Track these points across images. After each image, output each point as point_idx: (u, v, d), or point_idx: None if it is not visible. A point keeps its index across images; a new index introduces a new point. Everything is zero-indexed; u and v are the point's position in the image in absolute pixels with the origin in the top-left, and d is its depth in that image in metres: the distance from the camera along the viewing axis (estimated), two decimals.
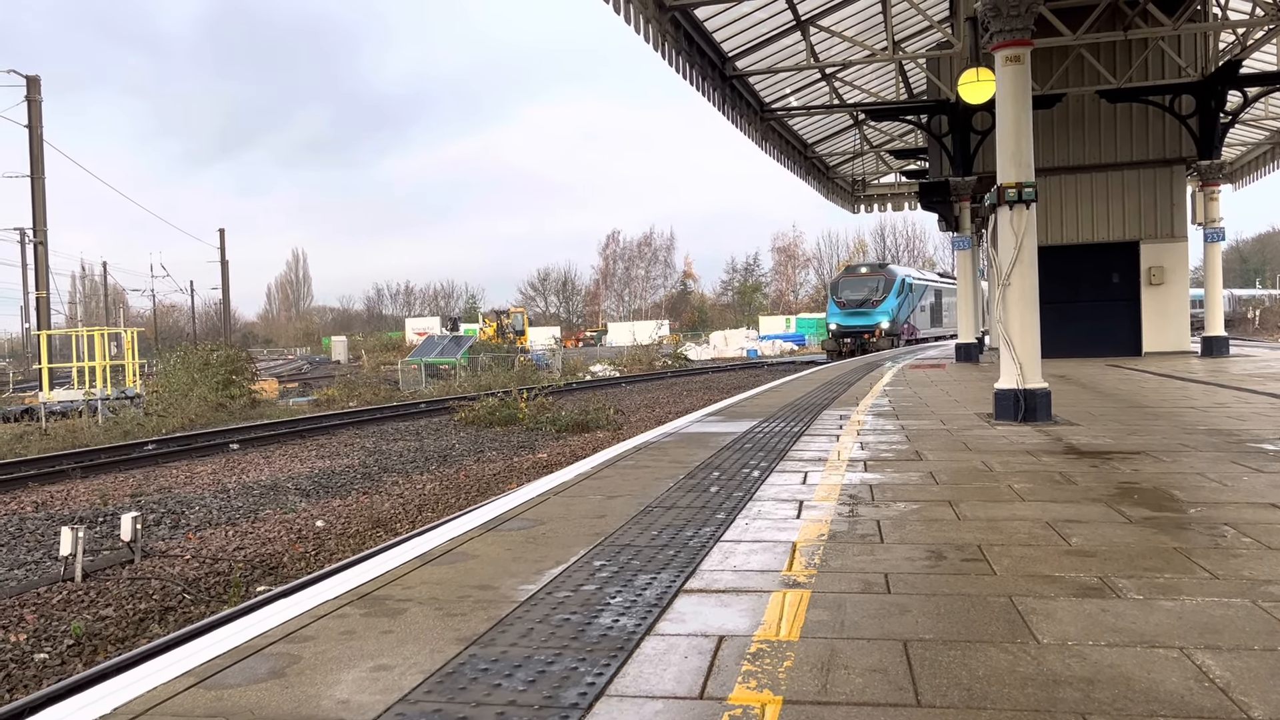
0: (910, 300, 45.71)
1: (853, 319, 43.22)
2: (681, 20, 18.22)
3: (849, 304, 43.89)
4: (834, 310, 45.15)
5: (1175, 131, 21.43)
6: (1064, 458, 7.08)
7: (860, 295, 43.93)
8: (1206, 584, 3.71)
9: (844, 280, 46.49)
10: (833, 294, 46.36)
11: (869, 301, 43.46)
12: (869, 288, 44.12)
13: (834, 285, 47.44)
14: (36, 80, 33.40)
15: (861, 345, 41.28)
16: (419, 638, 3.31)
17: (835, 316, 44.61)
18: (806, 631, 3.28)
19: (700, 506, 5.50)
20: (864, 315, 43.09)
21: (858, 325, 42.74)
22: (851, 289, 44.73)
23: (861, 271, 46.56)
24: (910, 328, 45.47)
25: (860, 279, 45.36)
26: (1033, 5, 9.60)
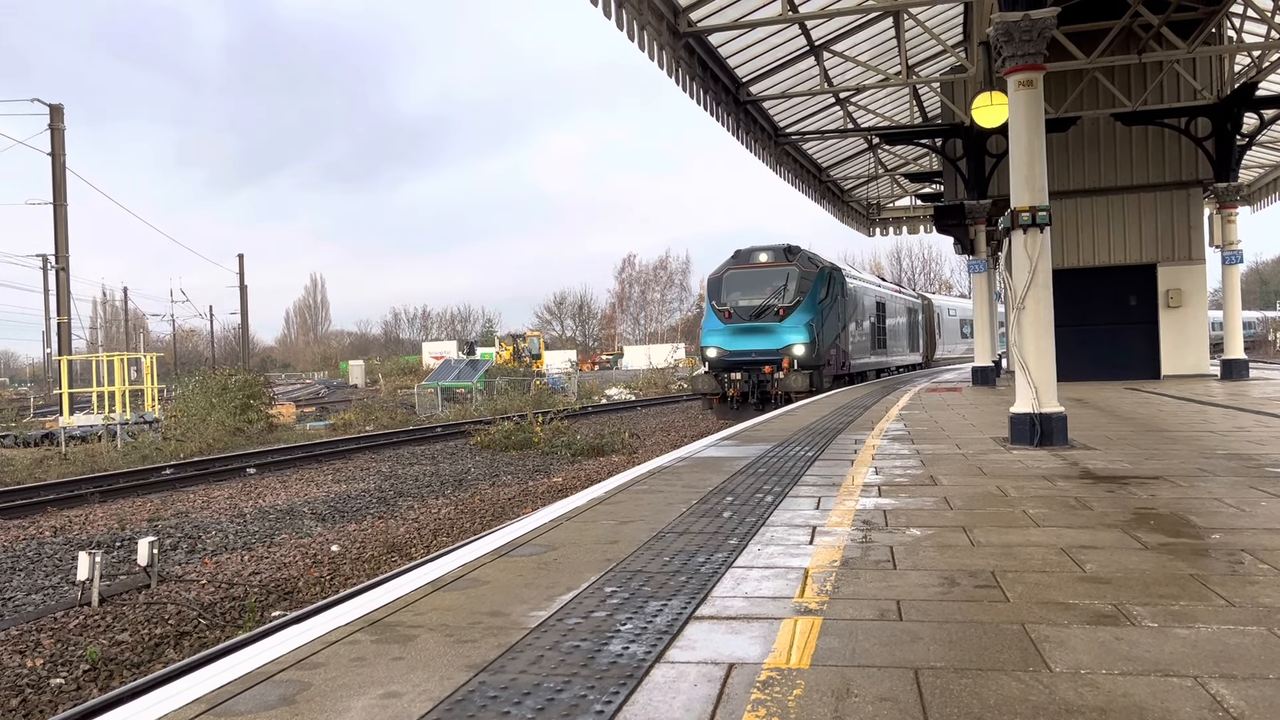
0: (842, 311, 26.55)
1: (745, 339, 24.82)
2: (695, 46, 18.34)
3: (739, 314, 25.18)
4: (713, 325, 25.53)
5: (1191, 154, 21.38)
6: (1079, 483, 7.03)
7: (757, 299, 25.03)
8: (1222, 611, 3.68)
9: (731, 275, 25.94)
10: (711, 297, 26.04)
11: (772, 310, 24.71)
12: (772, 286, 25.08)
13: (714, 283, 26.31)
14: (60, 109, 33.87)
15: (759, 387, 24.17)
16: (429, 664, 3.31)
17: (716, 336, 25.26)
18: (818, 659, 3.26)
19: (713, 532, 5.48)
20: (763, 334, 24.62)
21: (753, 351, 24.52)
22: (743, 288, 25.49)
23: (760, 259, 25.75)
24: (841, 355, 26.62)
25: (757, 272, 25.61)
26: (1045, 30, 9.63)
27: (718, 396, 24.88)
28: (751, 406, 23.42)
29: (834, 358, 25.49)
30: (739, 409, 23.86)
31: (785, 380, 23.34)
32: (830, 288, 25.14)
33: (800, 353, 23.68)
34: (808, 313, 24.07)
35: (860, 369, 28.59)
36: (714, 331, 25.09)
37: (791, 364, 23.55)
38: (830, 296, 25.09)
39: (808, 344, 23.74)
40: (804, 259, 25.16)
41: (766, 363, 23.87)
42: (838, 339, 25.88)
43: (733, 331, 24.71)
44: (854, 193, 36.67)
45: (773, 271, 24.93)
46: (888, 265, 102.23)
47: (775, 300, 24.38)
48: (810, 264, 25.09)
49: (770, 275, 24.93)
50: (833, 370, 25.40)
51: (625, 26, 15.42)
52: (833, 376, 25.45)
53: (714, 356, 24.91)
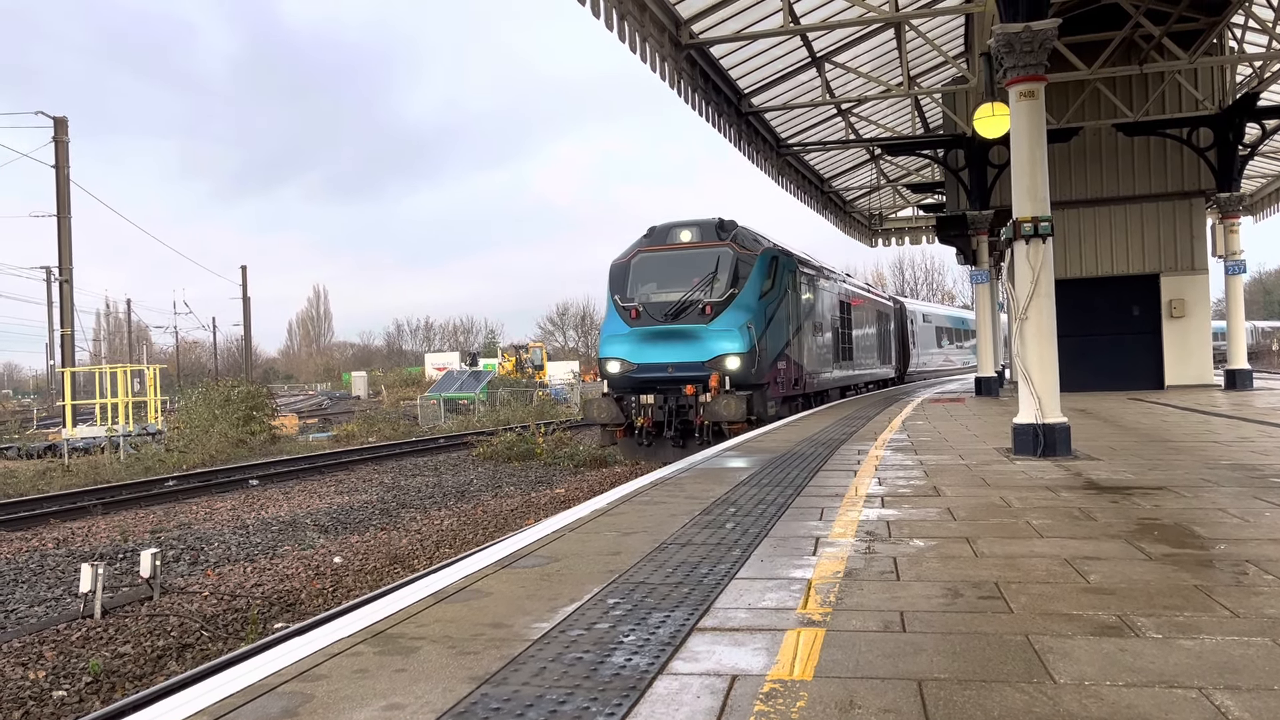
0: (794, 309, 19.31)
1: (658, 348, 17.46)
2: (697, 58, 18.40)
3: (651, 313, 17.69)
4: (616, 328, 18.08)
5: (1193, 164, 21.41)
6: (1083, 493, 7.02)
7: (676, 292, 17.74)
8: (1227, 622, 3.66)
9: (642, 260, 18.44)
10: (614, 291, 18.54)
11: (696, 308, 17.43)
12: (698, 274, 17.71)
13: (618, 271, 18.65)
14: (64, 121, 34.00)
15: (679, 414, 17.02)
16: (431, 676, 3.31)
17: (618, 343, 17.82)
18: (821, 671, 3.25)
19: (715, 543, 5.48)
20: (684, 341, 17.37)
21: (669, 365, 17.27)
22: (659, 277, 18.12)
23: (682, 238, 18.33)
24: (793, 370, 19.23)
25: (678, 255, 18.15)
26: (1046, 41, 9.65)
27: (620, 428, 17.05)
28: (669, 442, 16.67)
29: (783, 373, 17.99)
30: (652, 445, 16.95)
31: (714, 406, 15.77)
32: (778, 278, 17.73)
33: (735, 366, 16.29)
34: (745, 310, 16.65)
35: (820, 387, 21.38)
36: (616, 338, 17.26)
37: (722, 382, 16.16)
38: (778, 289, 17.70)
39: (745, 354, 16.31)
40: (742, 238, 17.51)
41: (688, 380, 16.43)
42: (788, 348, 18.22)
43: (642, 337, 16.91)
44: (856, 203, 36.71)
45: (698, 255, 17.31)
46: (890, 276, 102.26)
47: (701, 294, 16.85)
48: (750, 245, 17.54)
49: (695, 260, 17.31)
50: (782, 390, 17.92)
51: (628, 39, 15.48)
52: (781, 399, 17.93)
53: (616, 372, 17.05)
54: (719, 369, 16.41)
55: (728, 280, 17.08)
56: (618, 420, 17.16)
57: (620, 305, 17.69)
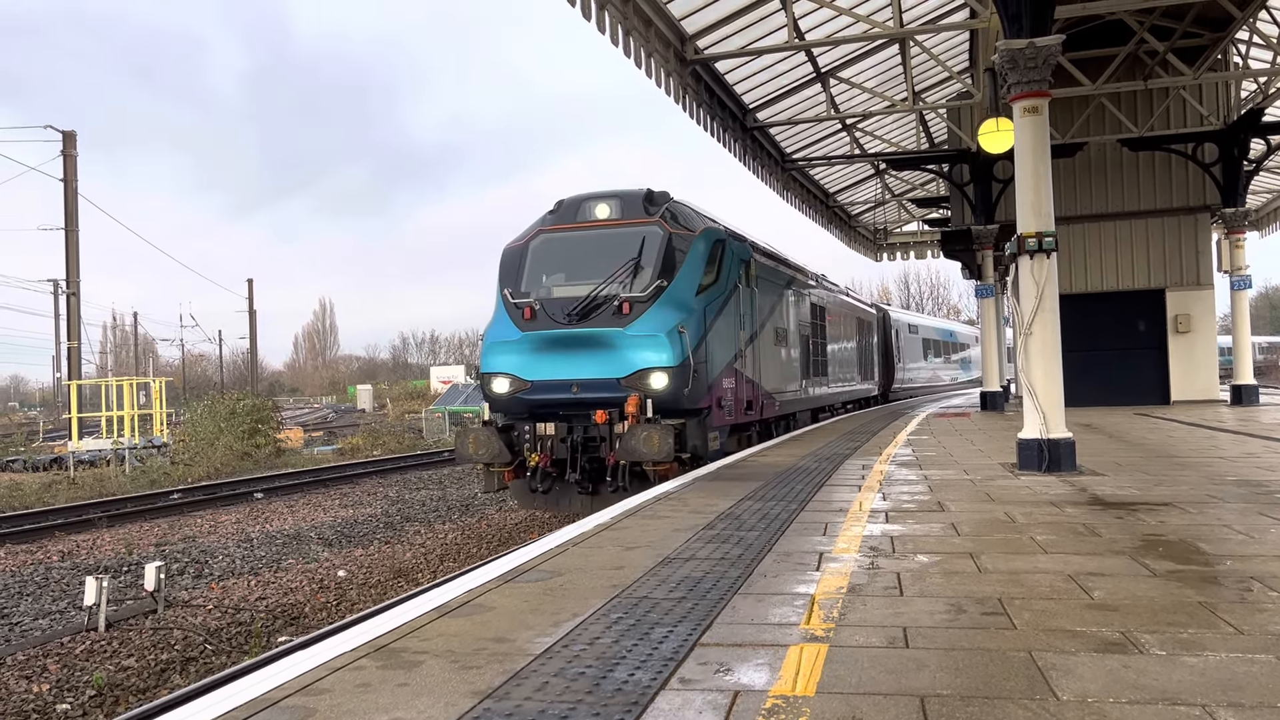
0: (749, 310, 14.58)
1: (559, 359, 12.26)
2: (702, 73, 18.47)
3: (551, 312, 12.63)
4: (503, 332, 12.81)
5: (1199, 179, 21.41)
6: (1088, 509, 7.01)
7: (585, 284, 12.73)
8: (1231, 639, 3.66)
9: (543, 242, 13.49)
10: (505, 283, 13.26)
11: (611, 305, 12.34)
12: (615, 261, 12.69)
13: (511, 259, 13.49)
14: (72, 135, 34.19)
15: (587, 448, 12.22)
16: (434, 691, 3.31)
17: (506, 352, 12.61)
18: (823, 686, 3.25)
19: (719, 558, 5.47)
20: (594, 350, 12.17)
21: (573, 381, 12.13)
22: (564, 265, 13.32)
23: (596, 214, 13.28)
24: (746, 389, 14.23)
25: (590, 236, 13.24)
26: (1050, 57, 9.68)
27: (509, 469, 12.44)
28: (574, 488, 12.35)
29: (731, 393, 13.37)
30: (551, 491, 12.54)
31: (629, 440, 11.29)
32: (725, 268, 13.25)
33: (661, 384, 11.72)
34: (678, 309, 12.11)
35: (784, 410, 16.86)
36: (504, 346, 12.54)
37: (643, 407, 11.54)
38: (724, 283, 13.20)
39: (675, 368, 11.76)
40: (677, 215, 13.12)
41: (599, 403, 11.97)
42: (739, 360, 13.72)
43: (538, 345, 12.31)
44: (861, 218, 36.76)
45: (617, 236, 12.86)
46: (895, 290, 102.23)
47: (618, 286, 12.35)
48: (688, 224, 13.08)
49: (612, 242, 12.82)
50: (729, 415, 13.31)
51: (633, 54, 15.55)
52: (728, 428, 13.47)
53: (503, 392, 12.41)
54: (640, 388, 11.61)
55: (655, 269, 12.20)
56: (502, 458, 12.09)
57: (510, 303, 12.66)
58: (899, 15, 16.91)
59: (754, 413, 14.60)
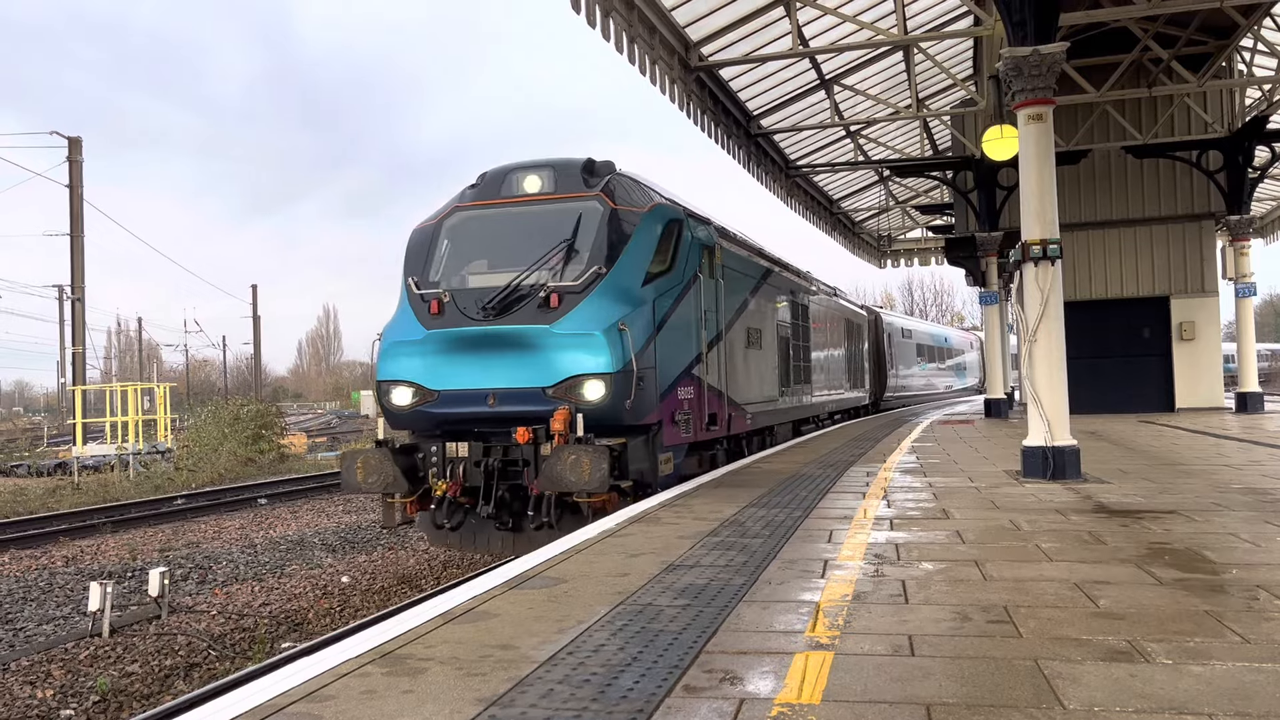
0: (714, 304, 11.89)
1: (473, 366, 9.65)
2: (707, 80, 18.50)
3: (463, 305, 10.01)
4: (406, 331, 10.14)
5: (1203, 186, 21.40)
6: (1093, 517, 6.99)
7: (507, 271, 10.13)
8: (1238, 648, 3.64)
9: (460, 221, 10.88)
10: (410, 274, 10.63)
11: (535, 297, 9.75)
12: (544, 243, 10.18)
13: (421, 240, 10.92)
14: (78, 141, 34.29)
15: (506, 474, 9.48)
16: (439, 698, 3.31)
17: (409, 357, 9.94)
18: (829, 694, 3.24)
19: (723, 565, 5.47)
20: (516, 353, 9.55)
21: (489, 391, 9.52)
22: (483, 248, 10.70)
23: (526, 188, 10.69)
24: (706, 400, 11.35)
25: (516, 214, 10.68)
26: (1054, 65, 9.69)
27: (411, 500, 9.86)
28: (490, 524, 9.76)
29: (690, 405, 10.91)
30: (466, 527, 9.91)
31: (552, 465, 8.92)
32: (682, 254, 10.87)
33: (597, 395, 9.46)
34: (619, 300, 9.88)
35: (759, 424, 14.53)
36: (404, 347, 10.18)
37: (572, 422, 9.23)
38: (680, 270, 10.82)
39: (615, 374, 9.47)
40: (622, 189, 10.76)
41: (520, 419, 9.58)
42: (699, 365, 11.24)
43: (447, 346, 9.99)
44: (865, 225, 36.77)
45: (548, 213, 10.56)
46: (899, 297, 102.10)
47: (545, 274, 10.05)
48: (635, 200, 10.75)
49: (542, 221, 10.52)
50: (685, 433, 10.76)
51: (638, 61, 15.57)
52: (685, 447, 11.04)
53: (404, 405, 10.05)
54: (571, 400, 9.26)
55: (593, 252, 9.95)
56: (399, 487, 9.50)
57: (415, 294, 10.30)
58: (903, 23, 16.93)
59: (719, 428, 11.86)
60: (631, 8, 15.03)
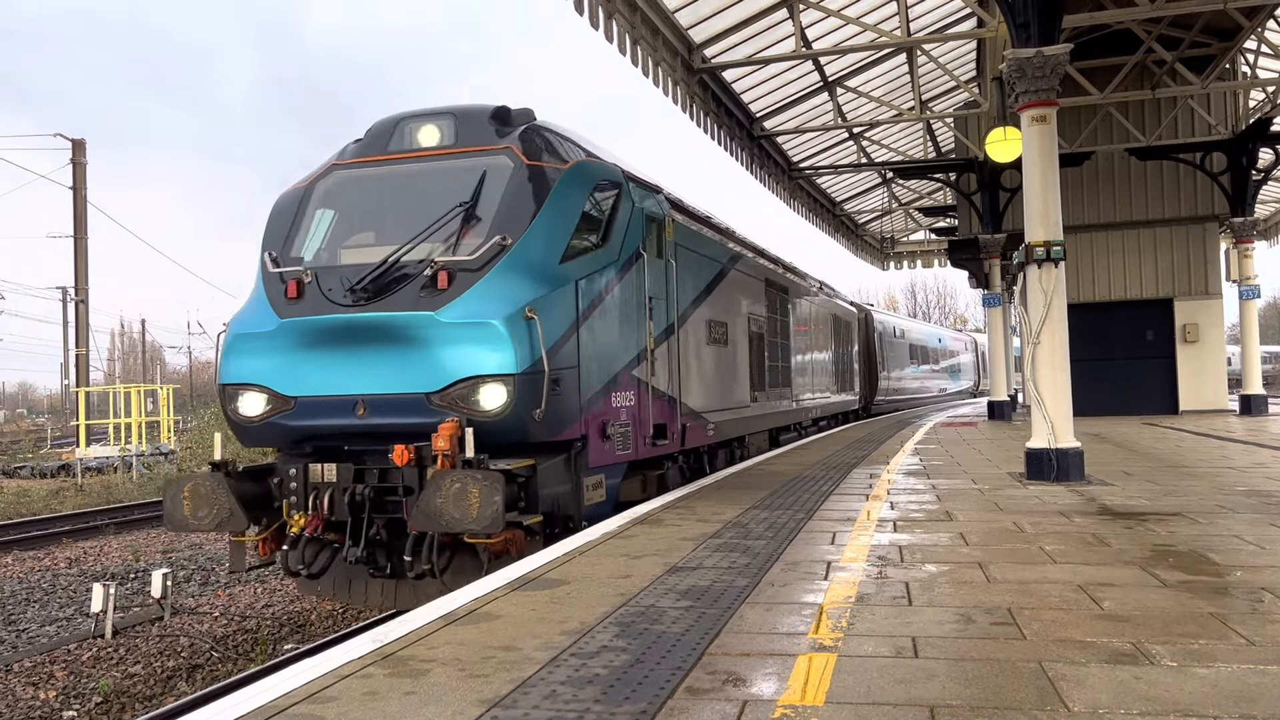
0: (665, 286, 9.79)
1: (338, 365, 7.44)
2: (709, 82, 18.49)
3: (330, 284, 7.69)
4: (257, 320, 7.83)
5: (1207, 188, 21.37)
6: (1097, 519, 6.98)
7: (390, 241, 7.87)
8: (1243, 650, 3.63)
9: (338, 183, 8.68)
10: (269, 244, 8.39)
11: (420, 275, 7.46)
12: (441, 207, 7.90)
13: (281, 211, 8.67)
14: (81, 144, 34.33)
15: (379, 504, 7.11)
16: (441, 699, 3.30)
17: (258, 353, 7.68)
18: (832, 696, 3.23)
19: (726, 567, 5.46)
20: (393, 348, 7.32)
21: (359, 401, 7.35)
22: (367, 217, 8.42)
23: (421, 141, 8.52)
24: (657, 407, 9.29)
25: (408, 174, 8.43)
26: (1058, 66, 9.67)
27: (265, 536, 7.54)
28: (363, 570, 7.37)
29: (629, 412, 8.78)
30: (326, 573, 7.62)
31: (429, 498, 6.53)
32: (618, 224, 8.78)
33: (497, 403, 7.19)
34: (529, 280, 7.56)
35: (725, 435, 12.25)
36: (250, 342, 7.84)
37: (458, 438, 6.82)
38: (615, 245, 8.68)
39: (521, 375, 7.19)
40: (538, 141, 8.52)
41: (399, 434, 7.22)
42: (642, 363, 9.14)
43: (303, 340, 7.63)
44: (868, 227, 36.76)
45: (445, 171, 8.36)
46: (902, 299, 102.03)
47: (435, 246, 7.76)
48: (555, 156, 8.50)
49: (437, 181, 8.30)
50: (625, 448, 8.68)
51: (640, 63, 15.57)
52: (624, 466, 8.88)
53: (252, 415, 7.78)
54: (464, 409, 7.20)
55: (497, 219, 7.81)
56: (235, 522, 7.26)
57: (271, 273, 8.08)
58: (906, 24, 16.92)
59: (669, 441, 9.68)
60: (634, 10, 15.03)
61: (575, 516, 7.82)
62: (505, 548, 6.93)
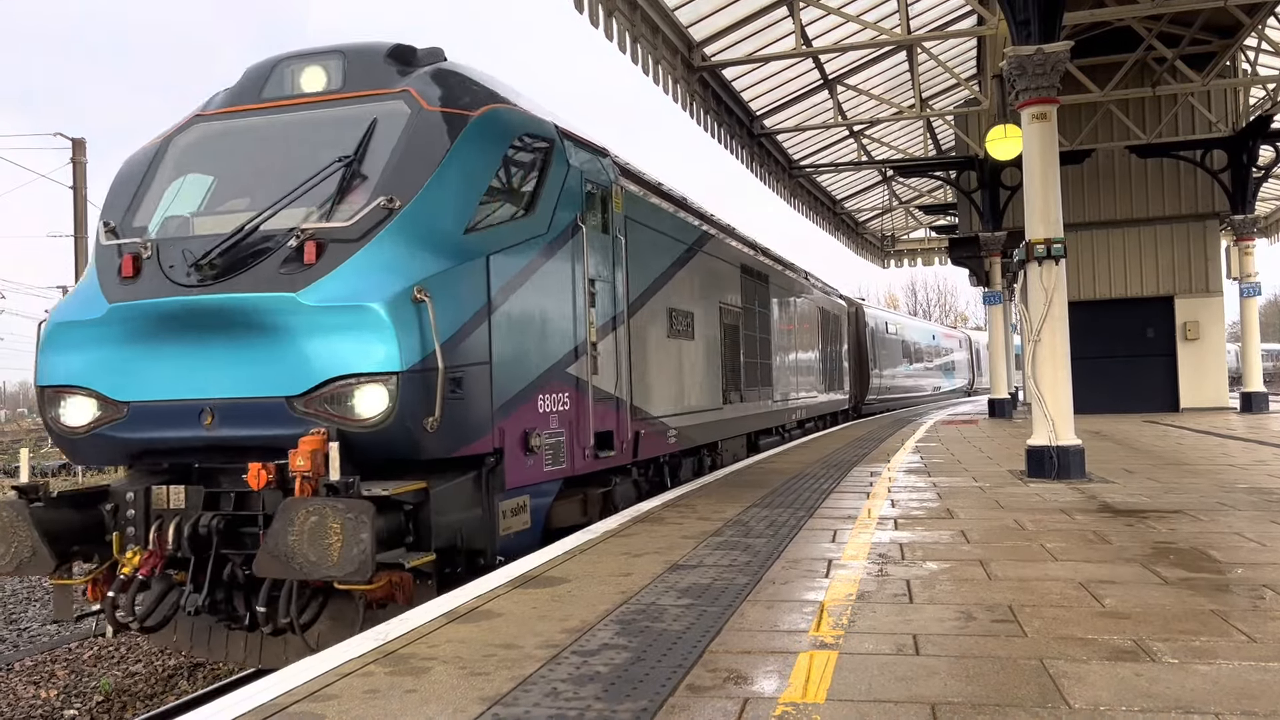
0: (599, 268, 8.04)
1: (179, 359, 5.91)
2: (710, 80, 18.49)
3: (170, 268, 6.07)
4: (84, 306, 6.22)
5: (1207, 186, 21.36)
6: (1098, 516, 6.98)
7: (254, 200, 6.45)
8: (1244, 647, 3.63)
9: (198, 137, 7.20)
10: (109, 216, 6.72)
11: (279, 248, 5.97)
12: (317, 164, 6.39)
13: (131, 172, 7.07)
14: (81, 143, 34.33)
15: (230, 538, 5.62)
16: (442, 697, 3.30)
17: (79, 350, 6.13)
18: (833, 694, 3.23)
19: (726, 565, 5.46)
20: (244, 338, 5.81)
21: (206, 407, 5.84)
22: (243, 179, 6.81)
23: (303, 85, 7.02)
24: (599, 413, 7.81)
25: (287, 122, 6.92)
26: (1058, 64, 9.67)
27: (95, 577, 5.97)
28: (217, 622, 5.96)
29: (560, 419, 7.20)
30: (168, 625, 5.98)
31: (281, 535, 5.12)
32: (546, 187, 7.29)
33: (377, 410, 5.69)
34: (423, 252, 6.07)
35: (689, 443, 10.78)
36: (76, 332, 6.23)
37: (320, 457, 5.39)
38: (544, 213, 7.19)
39: (406, 375, 5.67)
40: (445, 85, 6.92)
41: (255, 448, 5.82)
42: (577, 360, 7.53)
43: (136, 330, 6.05)
44: (868, 225, 36.75)
45: (329, 120, 6.82)
46: (903, 298, 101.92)
47: (305, 209, 6.26)
48: (463, 101, 6.83)
49: (318, 133, 6.76)
50: (558, 462, 7.17)
51: (640, 61, 15.56)
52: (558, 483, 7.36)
53: (75, 426, 6.23)
54: (336, 417, 5.76)
55: (384, 177, 6.38)
56: (39, 563, 5.70)
57: (104, 246, 6.61)
58: (906, 22, 16.90)
59: (617, 452, 8.23)
60: (634, 8, 15.02)
61: (488, 551, 6.30)
62: (390, 595, 5.49)
